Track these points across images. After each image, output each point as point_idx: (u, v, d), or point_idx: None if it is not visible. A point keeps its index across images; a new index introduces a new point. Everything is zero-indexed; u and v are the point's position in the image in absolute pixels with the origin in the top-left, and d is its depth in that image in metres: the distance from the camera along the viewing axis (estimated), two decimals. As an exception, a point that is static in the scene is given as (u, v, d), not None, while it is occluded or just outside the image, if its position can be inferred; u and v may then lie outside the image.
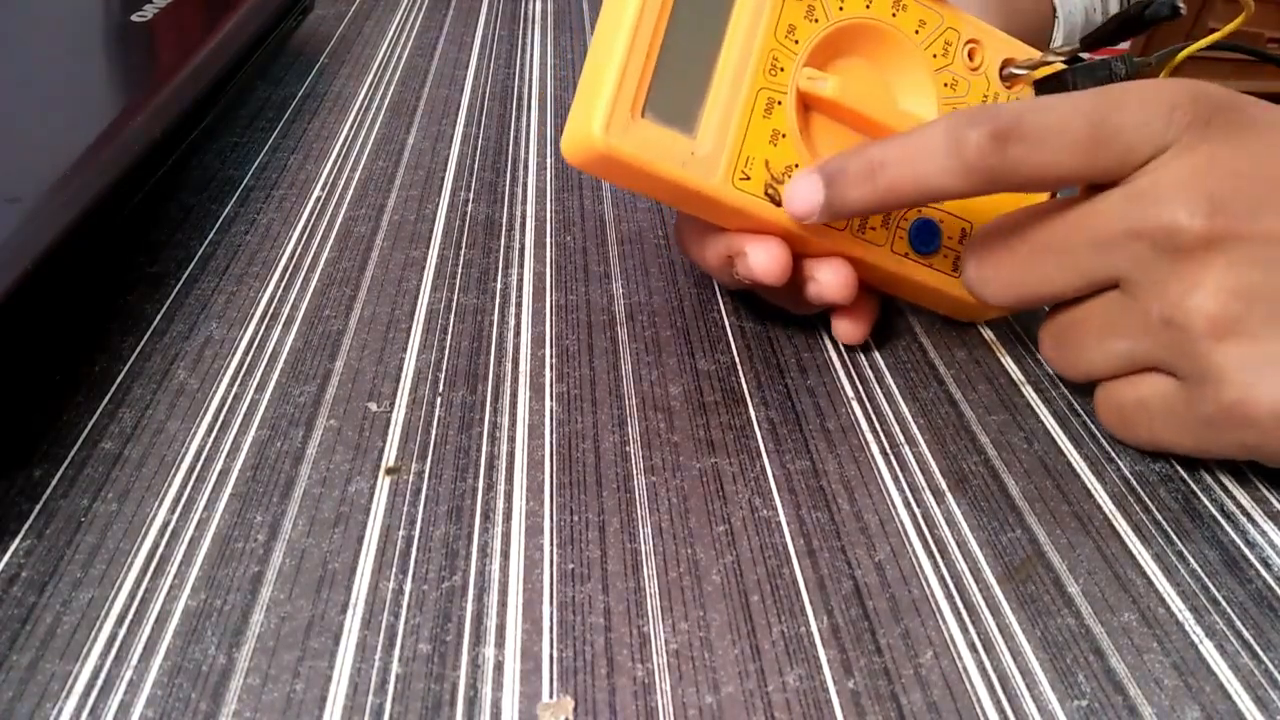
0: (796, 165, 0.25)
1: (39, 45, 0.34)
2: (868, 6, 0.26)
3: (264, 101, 0.42)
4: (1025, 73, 0.28)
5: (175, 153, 0.31)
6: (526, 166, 0.37)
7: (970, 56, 0.28)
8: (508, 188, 0.36)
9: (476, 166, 0.37)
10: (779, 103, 0.25)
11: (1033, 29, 0.42)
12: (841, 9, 0.25)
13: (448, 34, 0.51)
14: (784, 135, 0.25)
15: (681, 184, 0.24)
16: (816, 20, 0.25)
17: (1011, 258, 0.24)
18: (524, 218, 0.34)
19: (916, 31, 0.27)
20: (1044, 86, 0.28)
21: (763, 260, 0.25)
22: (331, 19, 0.52)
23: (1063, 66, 0.28)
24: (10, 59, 0.33)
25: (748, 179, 0.24)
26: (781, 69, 0.25)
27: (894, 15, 0.26)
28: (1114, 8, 0.46)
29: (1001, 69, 0.28)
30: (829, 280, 0.26)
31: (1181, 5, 0.25)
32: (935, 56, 0.27)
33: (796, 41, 0.25)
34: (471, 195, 0.35)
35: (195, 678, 0.18)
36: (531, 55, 0.48)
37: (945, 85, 0.27)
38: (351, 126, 0.40)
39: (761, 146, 0.24)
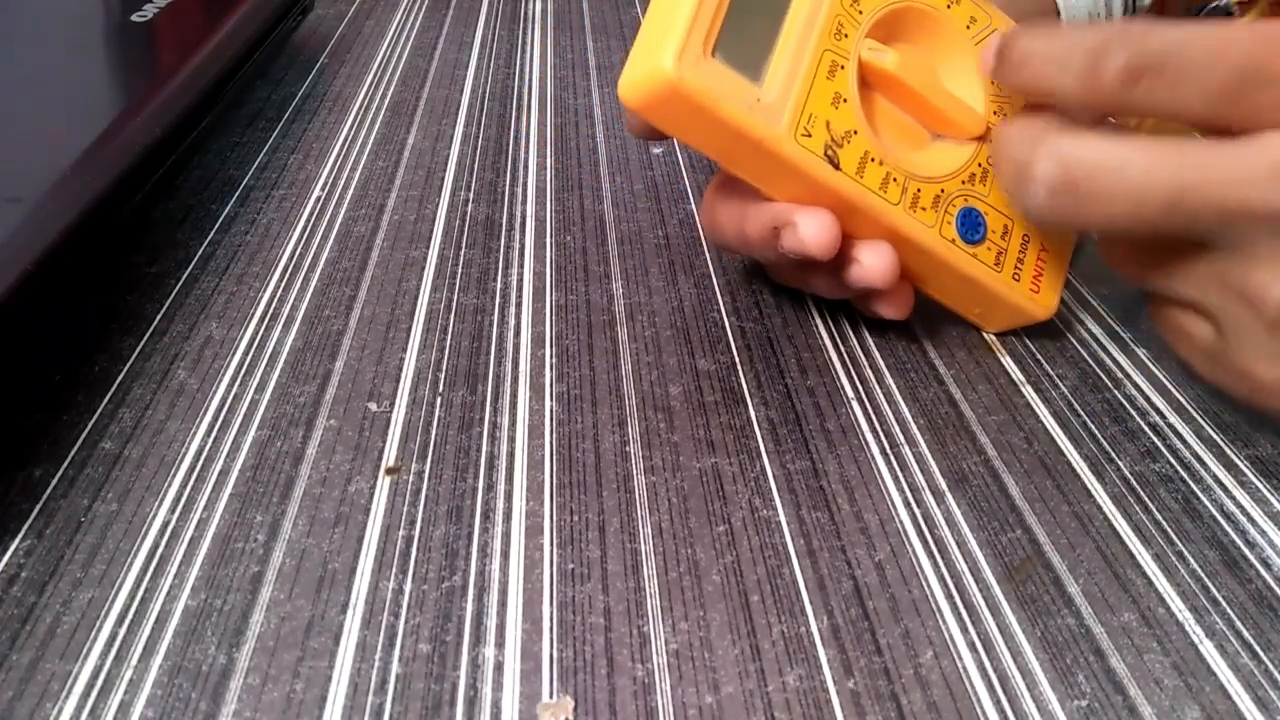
0: (855, 132, 0.25)
1: (39, 45, 0.34)
2: None
3: (264, 101, 0.42)
4: None
5: (175, 153, 0.31)
6: (526, 166, 0.37)
7: None
8: (508, 188, 0.36)
9: (476, 166, 0.37)
10: (842, 67, 0.25)
11: None
12: None
13: (448, 34, 0.51)
14: (845, 100, 0.25)
15: (745, 130, 0.23)
16: None
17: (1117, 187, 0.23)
18: (524, 218, 0.34)
19: (967, 27, 0.27)
20: None
21: (813, 231, 0.24)
22: (331, 19, 0.52)
23: None
24: (10, 59, 0.33)
25: (809, 136, 0.24)
26: (846, 35, 0.25)
27: (948, 7, 0.27)
28: (1118, 10, 0.46)
29: None
30: (873, 263, 0.25)
31: None
32: None
33: (861, 11, 0.25)
34: (471, 195, 0.35)
35: (195, 678, 0.18)
36: (531, 55, 0.48)
37: (992, 82, 0.27)
38: (351, 126, 0.40)
39: (824, 107, 0.24)
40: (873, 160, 0.25)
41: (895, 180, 0.25)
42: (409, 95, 0.43)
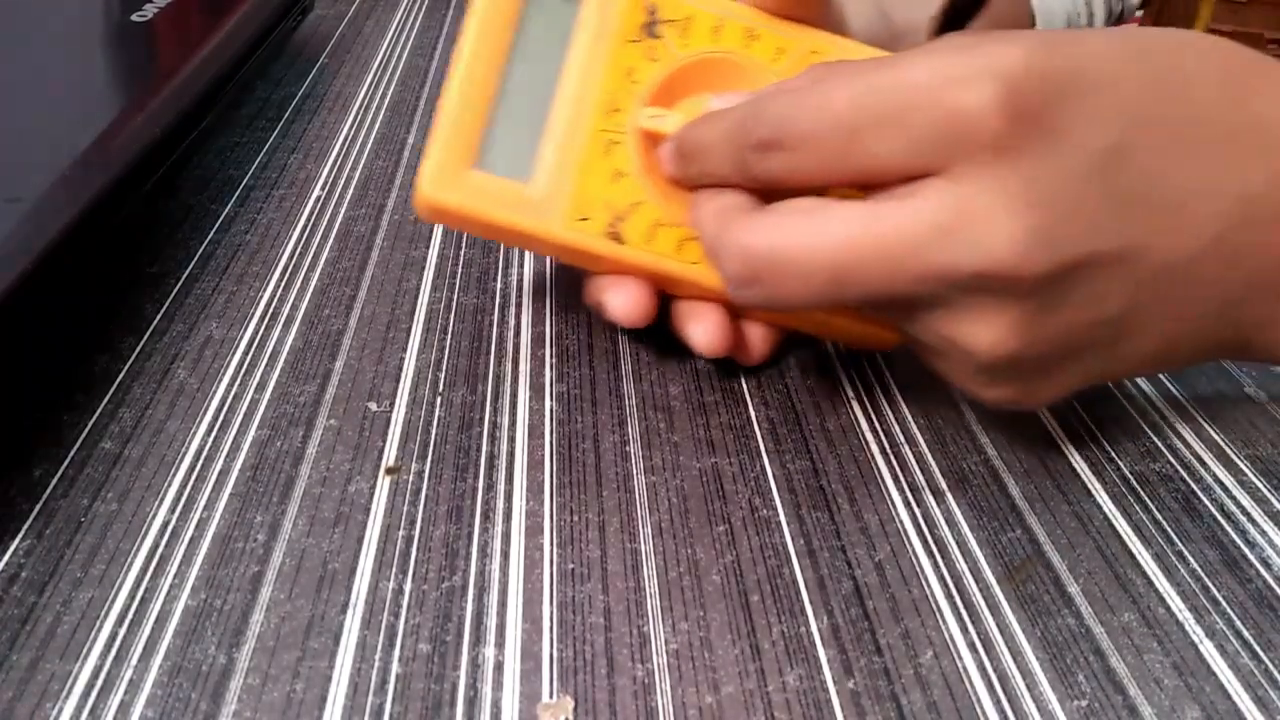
0: (640, 203, 0.25)
1: (39, 45, 0.34)
2: (716, 41, 0.25)
3: (264, 101, 0.42)
4: None
5: (175, 153, 0.31)
6: (526, 166, 0.37)
7: None
8: (508, 188, 0.36)
9: (476, 166, 0.37)
10: (618, 142, 0.25)
11: None
12: (686, 46, 0.25)
13: (448, 34, 0.51)
14: (625, 174, 0.25)
15: (518, 229, 0.24)
16: (656, 60, 0.25)
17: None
18: (524, 218, 0.34)
19: (775, 60, 0.25)
20: None
21: (619, 304, 0.24)
22: (331, 19, 0.52)
23: None
24: (10, 59, 0.33)
25: (587, 219, 0.24)
26: (619, 110, 0.25)
27: (747, 47, 0.25)
28: (1099, 13, 0.46)
29: None
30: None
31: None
32: None
33: (636, 82, 0.25)
34: (471, 195, 0.35)
35: (195, 678, 0.18)
36: (531, 55, 0.48)
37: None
38: (351, 126, 0.40)
39: (601, 187, 0.24)
40: (663, 226, 0.25)
41: (693, 239, 0.24)
42: (409, 95, 0.43)
